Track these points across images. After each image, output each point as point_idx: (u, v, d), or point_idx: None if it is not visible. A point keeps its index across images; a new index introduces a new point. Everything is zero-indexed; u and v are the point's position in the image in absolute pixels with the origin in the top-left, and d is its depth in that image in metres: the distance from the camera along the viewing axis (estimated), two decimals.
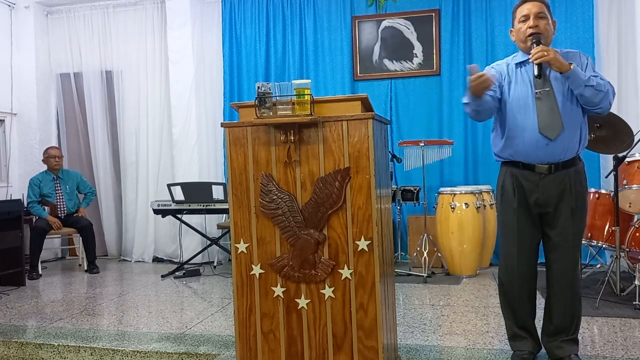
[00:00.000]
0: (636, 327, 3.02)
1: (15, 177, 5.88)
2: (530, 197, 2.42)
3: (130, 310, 3.79)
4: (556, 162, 2.36)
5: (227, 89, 5.71)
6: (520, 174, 2.44)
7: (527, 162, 2.41)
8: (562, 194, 2.38)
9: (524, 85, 2.41)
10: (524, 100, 2.39)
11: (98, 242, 5.58)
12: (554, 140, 2.32)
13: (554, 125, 2.32)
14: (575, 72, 2.26)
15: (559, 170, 2.37)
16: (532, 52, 2.29)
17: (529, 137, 2.36)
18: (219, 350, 2.84)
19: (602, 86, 2.29)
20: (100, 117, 5.97)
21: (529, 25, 2.37)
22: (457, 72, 5.20)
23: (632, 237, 3.72)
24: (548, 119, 2.33)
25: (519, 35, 2.43)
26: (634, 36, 4.63)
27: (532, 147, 2.37)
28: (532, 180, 2.40)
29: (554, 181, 2.37)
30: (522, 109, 2.39)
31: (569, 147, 2.35)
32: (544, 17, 2.38)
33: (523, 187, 2.43)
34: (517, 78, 2.45)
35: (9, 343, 3.11)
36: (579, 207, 2.40)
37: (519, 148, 2.41)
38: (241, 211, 2.22)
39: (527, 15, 2.38)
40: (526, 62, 2.43)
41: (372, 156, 2.07)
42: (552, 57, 2.24)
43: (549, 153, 2.35)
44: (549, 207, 2.40)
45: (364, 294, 2.10)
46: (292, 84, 2.11)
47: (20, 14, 5.91)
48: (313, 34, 5.51)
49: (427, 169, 4.78)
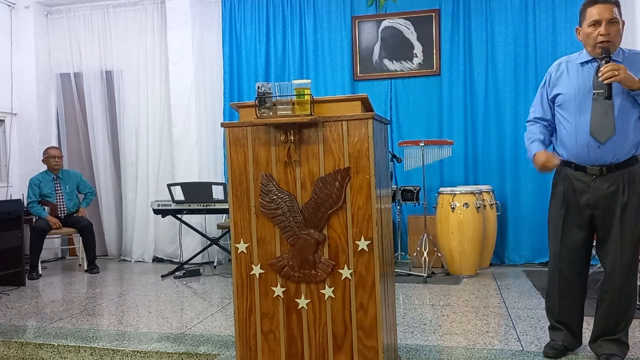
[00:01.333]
0: (636, 327, 3.02)
1: (15, 177, 5.88)
2: (582, 197, 2.41)
3: (130, 310, 3.79)
4: (608, 164, 2.34)
5: (227, 89, 5.71)
6: (572, 174, 2.42)
7: (579, 164, 2.39)
8: (613, 195, 2.35)
9: (585, 86, 2.36)
10: (582, 101, 2.35)
11: (98, 242, 5.58)
12: (604, 144, 2.30)
13: (605, 129, 2.29)
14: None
15: (611, 172, 2.34)
16: (602, 69, 2.24)
17: (581, 139, 2.35)
18: (219, 350, 2.84)
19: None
20: (100, 117, 5.97)
21: (599, 32, 2.29)
22: (457, 72, 5.21)
23: None
24: (600, 122, 2.30)
25: (588, 39, 2.36)
26: (634, 36, 4.62)
27: (583, 148, 2.35)
28: (584, 181, 2.39)
29: (605, 183, 2.35)
30: (578, 109, 2.36)
31: (620, 151, 2.31)
32: (616, 22, 2.31)
33: (574, 188, 2.42)
34: (578, 76, 2.40)
35: (9, 343, 3.11)
36: (630, 208, 2.34)
37: (571, 148, 2.40)
38: (241, 211, 2.22)
39: (598, 20, 2.30)
40: (591, 61, 2.39)
41: (372, 156, 2.07)
42: (622, 77, 2.19)
43: (599, 156, 2.33)
44: (599, 208, 2.38)
45: (364, 294, 2.10)
46: (292, 84, 2.11)
47: (20, 14, 5.91)
48: (313, 34, 5.51)
49: (427, 169, 4.78)
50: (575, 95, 2.37)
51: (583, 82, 2.38)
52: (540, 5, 5.01)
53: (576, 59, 2.46)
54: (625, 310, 2.41)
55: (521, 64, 5.05)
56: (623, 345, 2.44)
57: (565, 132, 2.42)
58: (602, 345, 2.45)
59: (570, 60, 2.48)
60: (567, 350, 2.59)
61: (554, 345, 2.58)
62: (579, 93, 2.37)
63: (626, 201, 2.33)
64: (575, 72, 2.41)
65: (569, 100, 2.40)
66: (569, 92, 2.40)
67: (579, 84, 2.38)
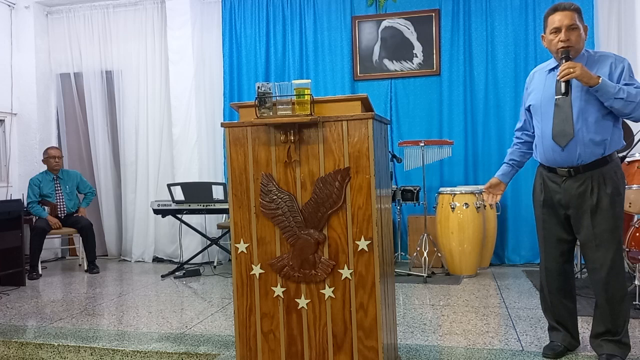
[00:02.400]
0: (636, 327, 3.02)
1: (15, 177, 5.88)
2: (555, 197, 2.50)
3: (130, 310, 3.79)
4: (575, 166, 2.41)
5: (227, 89, 5.71)
6: (546, 175, 2.54)
7: (549, 166, 2.51)
8: (582, 195, 2.41)
9: (548, 92, 2.46)
10: (546, 107, 2.46)
11: (98, 242, 5.58)
12: (564, 148, 2.39)
13: (565, 133, 2.38)
14: (603, 86, 2.28)
15: (580, 173, 2.41)
16: (560, 68, 2.32)
17: (547, 143, 2.46)
18: (219, 350, 2.84)
19: (634, 97, 2.29)
20: (100, 117, 5.97)
21: (560, 39, 2.38)
22: (457, 72, 5.21)
23: (632, 237, 3.71)
24: (560, 127, 2.39)
25: (550, 46, 2.45)
26: (634, 36, 4.63)
27: (549, 152, 2.46)
28: (556, 182, 2.49)
29: (575, 183, 2.43)
30: (543, 115, 2.47)
31: (584, 153, 2.37)
32: (575, 28, 2.38)
33: (549, 188, 2.52)
34: (545, 84, 2.50)
35: (9, 343, 3.11)
36: (601, 208, 2.38)
37: (542, 152, 2.52)
38: (241, 211, 2.22)
39: (558, 27, 2.38)
40: (555, 68, 2.46)
41: (372, 156, 2.07)
42: (578, 73, 2.27)
43: (565, 158, 2.42)
44: (571, 208, 2.46)
45: (364, 294, 2.10)
46: (292, 84, 2.11)
47: (20, 14, 5.91)
48: (313, 34, 5.51)
49: (427, 169, 4.78)
50: (541, 102, 2.49)
51: (548, 88, 2.48)
52: (540, 5, 5.01)
53: (545, 67, 2.58)
54: (618, 310, 2.42)
55: (521, 64, 5.05)
56: (624, 347, 2.44)
57: (537, 137, 2.54)
58: (603, 345, 2.46)
59: (540, 68, 2.61)
60: (567, 351, 2.60)
61: (553, 347, 2.60)
62: (544, 100, 2.48)
63: (597, 202, 2.39)
64: (543, 80, 2.53)
65: (536, 108, 2.52)
66: (537, 100, 2.52)
67: (544, 91, 2.50)
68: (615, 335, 2.43)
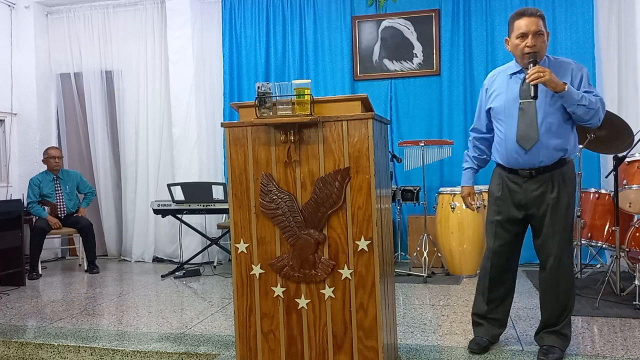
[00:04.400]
0: (636, 327, 3.02)
1: (15, 177, 5.88)
2: (515, 198, 2.56)
3: (130, 310, 3.79)
4: (537, 167, 2.49)
5: (227, 89, 5.71)
6: (506, 176, 2.60)
7: (510, 167, 2.57)
8: (543, 195, 2.50)
9: (512, 96, 2.51)
10: (510, 110, 2.52)
11: (98, 242, 5.58)
12: (529, 150, 2.46)
13: (529, 137, 2.45)
14: (569, 93, 2.35)
15: (541, 174, 2.50)
16: (529, 72, 2.36)
17: (510, 146, 2.52)
18: (219, 350, 2.84)
19: (594, 104, 2.39)
20: (100, 117, 5.97)
21: (526, 44, 2.42)
22: (457, 72, 5.21)
23: (632, 237, 3.71)
24: (524, 131, 2.46)
25: (516, 50, 2.49)
26: (634, 36, 4.62)
27: (512, 154, 2.52)
28: (517, 182, 2.55)
29: (535, 184, 2.51)
30: (507, 118, 2.53)
31: (546, 156, 2.46)
32: (541, 34, 2.43)
33: (509, 188, 2.58)
34: (507, 88, 2.55)
35: (9, 343, 3.11)
36: (560, 207, 2.48)
37: (503, 154, 2.58)
38: (241, 211, 2.22)
39: (525, 33, 2.42)
40: (518, 72, 2.52)
41: (372, 156, 2.07)
42: (547, 78, 2.33)
43: (528, 160, 2.49)
44: (532, 208, 2.53)
45: (364, 294, 2.10)
46: (292, 84, 2.11)
47: (20, 14, 5.91)
48: (313, 34, 5.51)
49: (427, 169, 4.78)
50: (505, 106, 2.53)
51: (511, 92, 2.53)
52: (540, 6, 4.99)
53: (505, 70, 2.61)
54: (565, 301, 2.53)
55: None
56: (563, 337, 2.54)
57: (499, 139, 2.61)
58: (544, 337, 2.57)
59: (501, 71, 2.65)
60: (491, 344, 2.71)
61: (479, 341, 2.69)
62: (507, 103, 2.53)
63: (557, 200, 2.48)
64: (505, 83, 2.57)
65: (499, 111, 2.56)
66: (499, 103, 2.56)
67: (507, 95, 2.54)
68: (555, 326, 2.53)
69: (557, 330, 2.54)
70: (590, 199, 4.10)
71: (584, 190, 4.17)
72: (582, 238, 4.05)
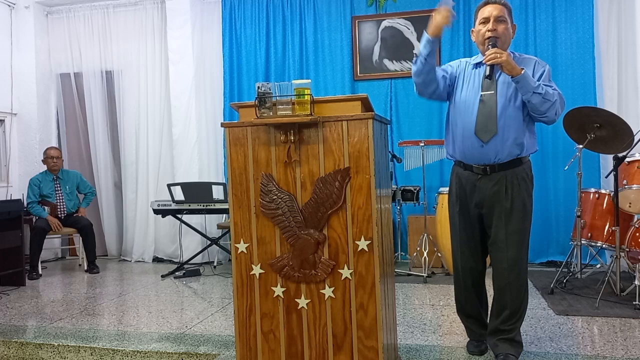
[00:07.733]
0: (636, 327, 3.02)
1: (15, 177, 5.88)
2: (470, 197, 2.53)
3: (130, 310, 3.79)
4: (492, 164, 2.45)
5: (227, 89, 5.71)
6: (462, 174, 2.56)
7: (466, 163, 2.52)
8: (497, 195, 2.46)
9: (474, 88, 2.50)
10: (471, 101, 2.49)
11: (98, 242, 5.58)
12: (486, 143, 2.42)
13: (488, 129, 2.42)
14: (524, 77, 2.32)
15: (495, 172, 2.46)
16: (486, 53, 2.36)
17: (467, 138, 2.47)
18: (219, 350, 2.84)
19: (551, 96, 2.36)
20: (100, 117, 5.97)
21: (487, 28, 2.43)
22: None
23: (632, 237, 3.72)
24: (484, 122, 2.43)
25: (478, 37, 2.49)
26: (634, 36, 4.63)
27: (468, 147, 2.48)
28: (471, 181, 2.52)
29: (489, 182, 2.47)
30: (467, 110, 2.49)
31: (502, 151, 2.43)
32: (503, 20, 2.43)
33: (464, 187, 2.55)
34: (470, 79, 2.53)
35: (9, 343, 3.11)
36: (515, 208, 2.45)
37: (459, 148, 2.53)
38: (241, 211, 2.22)
39: (487, 18, 2.44)
40: (481, 64, 2.50)
41: (372, 156, 2.07)
42: (504, 59, 2.30)
43: (483, 155, 2.45)
44: (485, 207, 2.50)
45: (364, 294, 2.10)
46: (292, 84, 2.11)
47: (20, 14, 5.91)
48: (313, 34, 5.51)
49: (427, 169, 4.78)
50: (466, 97, 2.50)
51: (473, 84, 2.50)
52: (540, 5, 5.01)
53: (472, 60, 2.59)
54: (516, 309, 2.49)
55: None
56: (517, 344, 2.51)
57: (455, 131, 2.54)
58: (498, 345, 2.52)
59: (467, 62, 2.62)
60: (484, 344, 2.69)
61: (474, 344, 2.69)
62: (469, 95, 2.50)
63: (510, 202, 2.44)
64: (469, 74, 2.55)
65: (459, 102, 2.53)
66: (461, 94, 2.53)
67: (469, 86, 2.52)
68: (509, 333, 2.49)
69: (511, 337, 2.49)
70: (590, 199, 4.10)
71: (584, 190, 4.17)
72: (582, 238, 4.05)
